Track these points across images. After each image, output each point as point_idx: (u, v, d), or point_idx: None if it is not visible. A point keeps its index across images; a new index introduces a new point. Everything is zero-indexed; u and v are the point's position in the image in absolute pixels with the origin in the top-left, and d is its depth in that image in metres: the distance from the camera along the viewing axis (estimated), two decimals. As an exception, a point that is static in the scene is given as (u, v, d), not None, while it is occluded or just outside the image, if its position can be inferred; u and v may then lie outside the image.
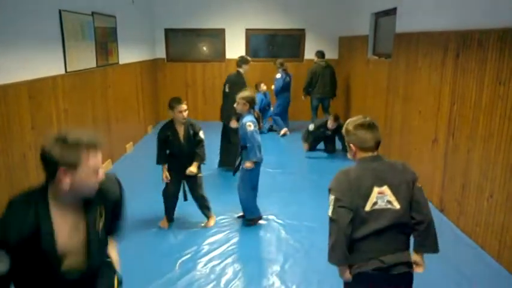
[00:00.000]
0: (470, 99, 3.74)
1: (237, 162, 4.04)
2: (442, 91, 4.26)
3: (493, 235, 3.42)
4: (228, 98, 5.57)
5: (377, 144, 2.08)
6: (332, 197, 1.99)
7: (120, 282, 1.87)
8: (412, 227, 2.03)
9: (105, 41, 5.74)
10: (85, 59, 5.04)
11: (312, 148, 6.72)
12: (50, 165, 1.50)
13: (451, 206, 4.11)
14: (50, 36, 4.21)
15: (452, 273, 3.22)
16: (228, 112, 5.47)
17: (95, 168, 1.55)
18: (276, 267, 3.33)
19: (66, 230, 1.57)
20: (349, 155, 2.18)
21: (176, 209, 4.09)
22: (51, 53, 4.23)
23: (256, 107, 7.30)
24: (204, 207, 4.06)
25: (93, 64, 5.29)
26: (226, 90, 5.66)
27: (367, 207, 1.96)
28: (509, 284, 3.11)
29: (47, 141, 1.52)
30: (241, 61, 5.82)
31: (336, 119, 6.40)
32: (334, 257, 2.00)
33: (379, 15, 6.71)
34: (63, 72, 4.45)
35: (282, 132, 7.86)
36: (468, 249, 3.61)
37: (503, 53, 3.27)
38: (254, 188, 4.00)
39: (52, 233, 1.53)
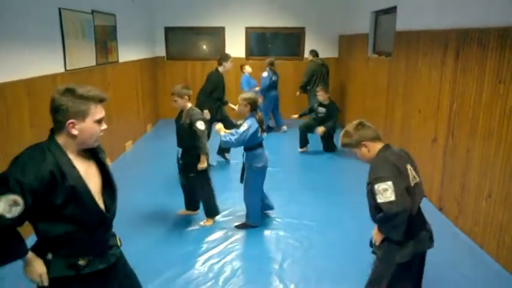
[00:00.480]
0: (470, 98, 3.74)
1: (241, 166, 3.97)
2: (442, 90, 4.26)
3: (491, 234, 3.41)
4: (200, 93, 5.82)
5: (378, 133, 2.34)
6: (389, 183, 2.08)
7: (120, 241, 1.99)
8: None
9: (105, 39, 5.74)
10: (85, 57, 5.03)
11: (304, 138, 6.65)
12: (61, 115, 1.64)
13: (450, 205, 4.11)
14: (49, 34, 4.20)
15: (451, 272, 3.21)
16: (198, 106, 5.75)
17: (99, 120, 1.71)
18: (275, 266, 3.33)
19: (83, 173, 1.69)
20: (360, 157, 2.34)
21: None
22: (50, 51, 4.22)
23: (245, 88, 7.31)
24: (205, 209, 4.07)
25: (93, 62, 5.29)
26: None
27: (412, 183, 2.18)
28: (507, 283, 3.11)
29: (57, 93, 1.65)
30: (221, 58, 5.86)
31: (326, 91, 6.50)
32: (398, 235, 2.20)
33: (379, 14, 6.70)
34: (62, 70, 4.44)
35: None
36: (467, 249, 3.61)
37: (503, 52, 3.26)
38: (259, 189, 3.93)
39: (80, 175, 1.67)
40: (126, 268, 2.04)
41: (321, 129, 6.41)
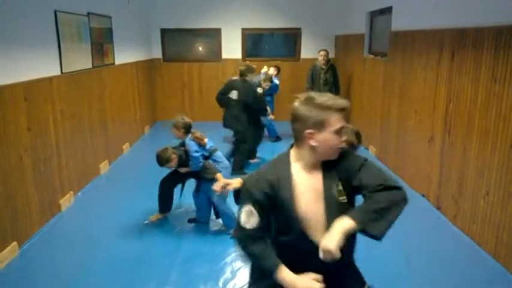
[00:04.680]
0: (466, 98, 3.76)
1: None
2: (438, 90, 4.28)
3: (489, 232, 3.44)
4: (237, 106, 5.56)
5: None
6: None
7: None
8: None
9: (101, 41, 5.73)
10: (81, 59, 5.02)
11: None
12: (299, 124, 1.54)
13: (447, 203, 4.13)
14: (45, 37, 4.19)
15: (449, 271, 3.23)
16: (235, 119, 5.58)
17: (339, 131, 1.53)
18: (274, 267, 3.33)
19: (306, 193, 1.56)
20: None
21: (173, 207, 4.10)
22: (46, 54, 4.21)
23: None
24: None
25: (89, 65, 5.28)
26: (234, 97, 5.57)
27: None
28: (505, 281, 3.12)
29: (298, 101, 1.56)
30: (247, 70, 5.75)
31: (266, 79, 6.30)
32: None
33: (374, 14, 6.72)
34: (58, 73, 4.43)
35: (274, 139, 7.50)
36: (465, 247, 3.62)
37: (498, 51, 3.28)
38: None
39: (291, 189, 1.54)
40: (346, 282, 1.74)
41: None
